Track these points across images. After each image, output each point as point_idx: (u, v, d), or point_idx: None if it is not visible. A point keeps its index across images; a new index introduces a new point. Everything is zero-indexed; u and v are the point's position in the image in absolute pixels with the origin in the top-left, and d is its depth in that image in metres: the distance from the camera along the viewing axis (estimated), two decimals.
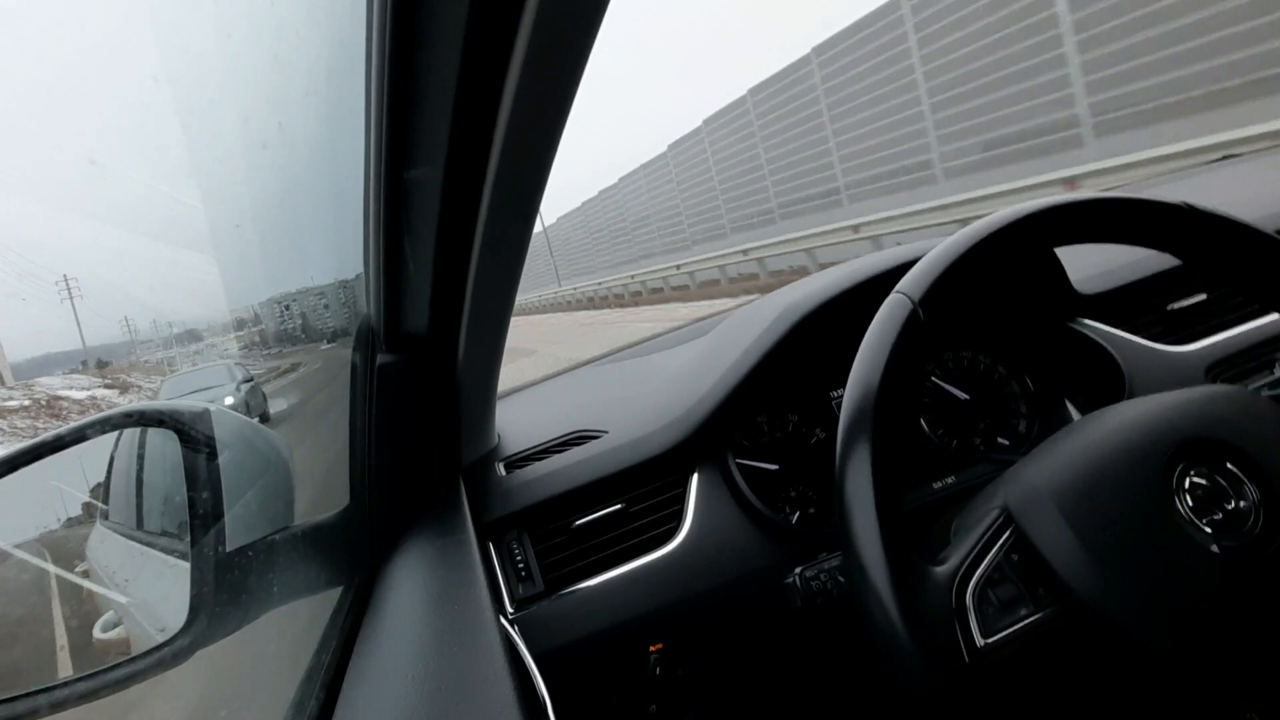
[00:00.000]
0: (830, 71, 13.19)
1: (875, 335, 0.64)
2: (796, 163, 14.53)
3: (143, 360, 4.81)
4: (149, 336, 8.71)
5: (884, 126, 12.29)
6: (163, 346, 7.20)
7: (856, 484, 0.59)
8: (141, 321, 7.22)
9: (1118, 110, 8.45)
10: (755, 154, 15.81)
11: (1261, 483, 0.58)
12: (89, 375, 3.66)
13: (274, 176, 0.91)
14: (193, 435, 0.75)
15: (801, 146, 14.34)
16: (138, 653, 0.70)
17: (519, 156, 0.52)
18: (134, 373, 4.00)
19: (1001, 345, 1.09)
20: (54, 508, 0.99)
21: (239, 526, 0.74)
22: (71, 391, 4.27)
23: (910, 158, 11.77)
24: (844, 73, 12.87)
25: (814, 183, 14.14)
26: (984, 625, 0.57)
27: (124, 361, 4.79)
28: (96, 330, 7.31)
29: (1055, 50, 8.98)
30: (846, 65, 12.68)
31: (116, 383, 3.57)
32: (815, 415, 1.04)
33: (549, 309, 26.29)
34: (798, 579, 0.84)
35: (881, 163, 12.52)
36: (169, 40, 0.73)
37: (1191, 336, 1.05)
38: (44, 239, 13.65)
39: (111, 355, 5.34)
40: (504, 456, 1.03)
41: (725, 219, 17.87)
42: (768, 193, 15.82)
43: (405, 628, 0.62)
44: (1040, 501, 0.59)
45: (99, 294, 9.41)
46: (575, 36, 0.43)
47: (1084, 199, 0.70)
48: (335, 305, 0.80)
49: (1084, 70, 8.77)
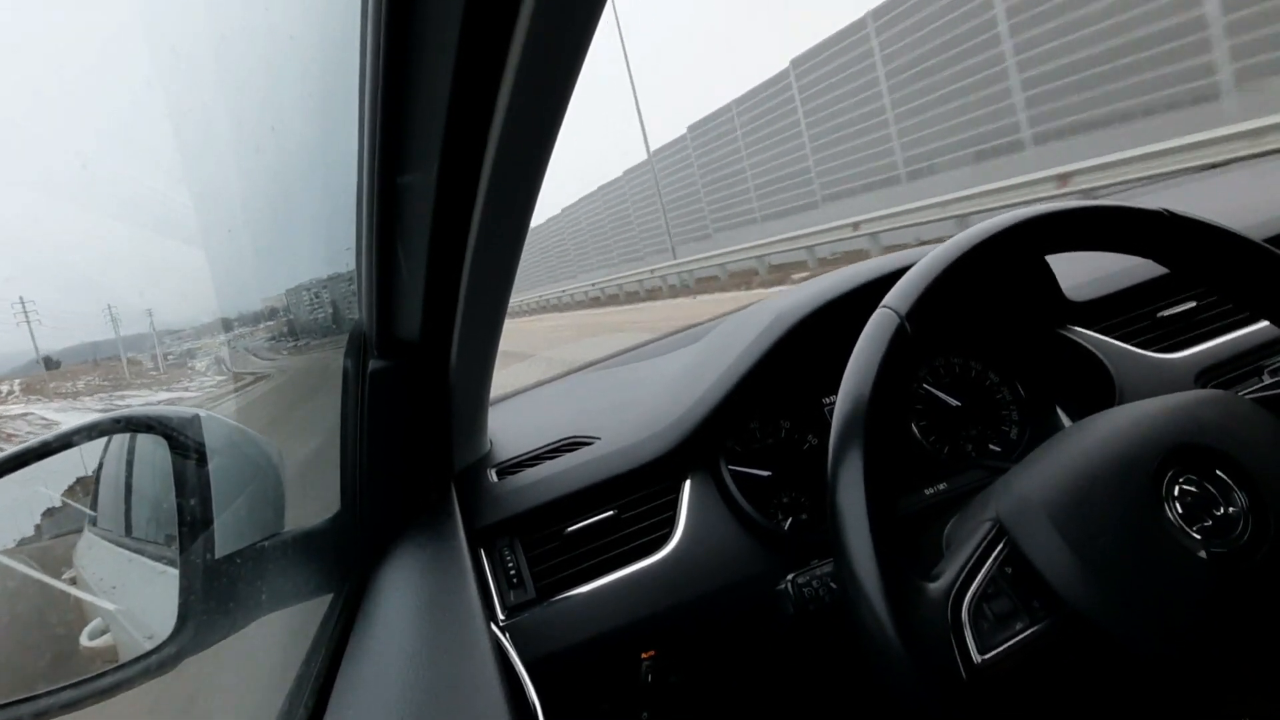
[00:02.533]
0: (806, 83, 13.81)
1: (863, 351, 0.65)
2: (775, 168, 14.99)
3: (106, 360, 4.64)
4: (130, 335, 8.51)
5: (854, 133, 13.11)
6: (134, 347, 7.02)
7: (849, 500, 0.59)
8: (126, 323, 7.05)
9: (1058, 119, 9.05)
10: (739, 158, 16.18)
11: (1249, 489, 0.59)
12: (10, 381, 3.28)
13: (267, 180, 0.90)
14: (182, 441, 0.75)
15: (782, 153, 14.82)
16: (125, 660, 0.69)
17: (513, 161, 0.52)
18: (86, 377, 3.77)
19: (993, 352, 1.10)
20: (41, 514, 0.98)
21: (228, 533, 0.73)
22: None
23: (877, 160, 12.60)
24: (821, 82, 13.56)
25: (791, 187, 14.63)
26: (980, 641, 0.56)
27: (86, 362, 4.59)
28: (77, 332, 7.23)
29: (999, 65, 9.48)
30: (820, 77, 13.36)
31: (48, 392, 3.28)
32: (807, 421, 1.04)
33: (541, 310, 26.26)
34: (790, 585, 0.84)
35: (851, 165, 13.30)
36: (162, 43, 0.73)
37: (1182, 344, 1.06)
38: (33, 239, 13.59)
39: (82, 356, 5.18)
40: (496, 463, 1.03)
41: (709, 220, 18.25)
42: (749, 195, 16.19)
43: (395, 635, 0.61)
44: (1032, 513, 0.60)
45: (85, 295, 9.30)
46: (569, 44, 0.43)
47: (1062, 209, 0.70)
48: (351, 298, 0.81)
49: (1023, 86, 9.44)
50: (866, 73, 12.51)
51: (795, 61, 14.31)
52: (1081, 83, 8.83)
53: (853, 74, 12.81)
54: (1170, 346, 1.05)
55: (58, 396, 3.82)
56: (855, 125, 13.00)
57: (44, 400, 3.78)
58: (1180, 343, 1.06)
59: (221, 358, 1.72)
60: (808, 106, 14.10)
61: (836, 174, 13.81)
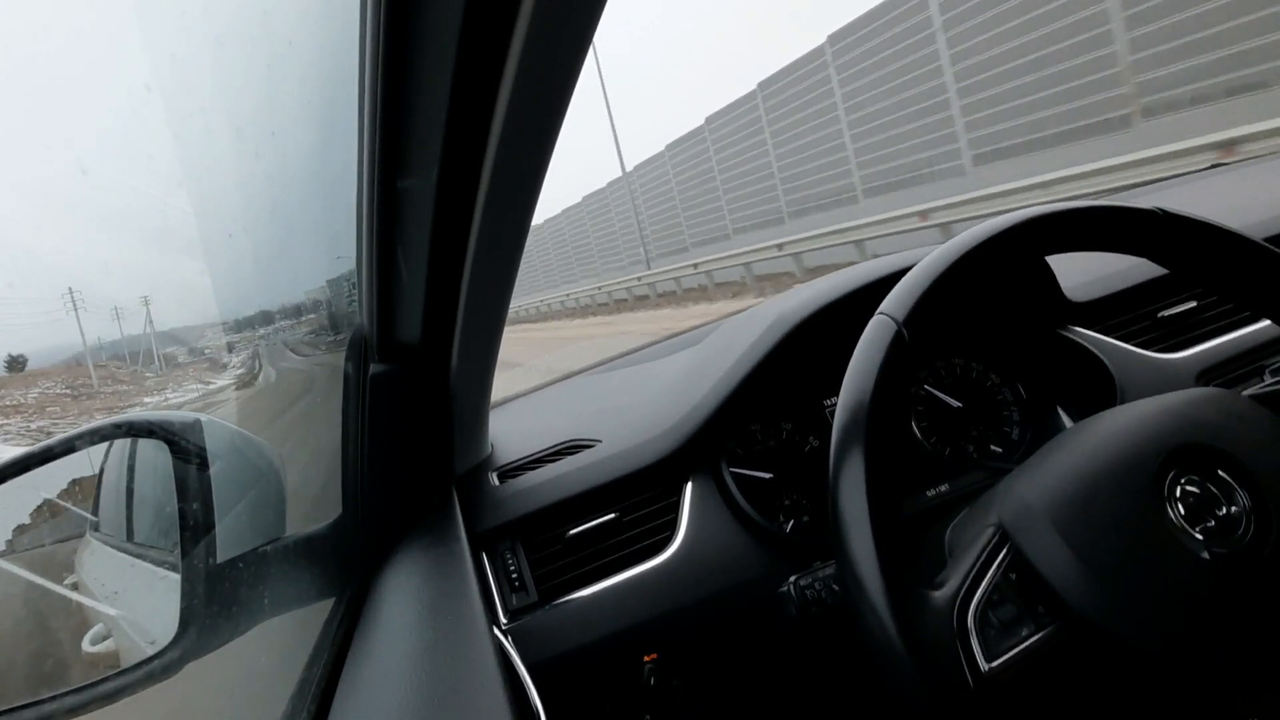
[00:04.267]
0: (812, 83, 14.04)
1: (861, 360, 0.65)
2: (799, 162, 15.17)
3: (89, 365, 4.47)
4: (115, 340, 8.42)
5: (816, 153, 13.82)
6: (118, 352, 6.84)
7: (851, 510, 0.59)
8: (126, 327, 7.08)
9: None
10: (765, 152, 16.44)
11: (1251, 488, 0.59)
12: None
13: (267, 186, 0.91)
14: (184, 446, 0.75)
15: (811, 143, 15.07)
16: (127, 666, 0.69)
17: (513, 164, 0.52)
18: (46, 380, 3.56)
19: (994, 353, 1.10)
20: (43, 520, 0.98)
21: (230, 538, 0.73)
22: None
23: (836, 180, 13.50)
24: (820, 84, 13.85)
25: (819, 182, 14.86)
26: (987, 649, 0.56)
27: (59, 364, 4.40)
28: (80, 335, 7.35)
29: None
30: (864, 54, 13.57)
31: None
32: (809, 423, 1.04)
33: (549, 316, 26.29)
34: (792, 588, 0.84)
35: (814, 184, 14.11)
36: (161, 49, 0.73)
37: (1183, 344, 1.06)
38: (33, 245, 13.43)
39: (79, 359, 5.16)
40: (497, 466, 1.03)
41: (728, 220, 18.45)
42: (776, 191, 16.38)
43: (398, 639, 0.61)
44: (1034, 517, 0.59)
45: (87, 302, 9.39)
46: (567, 48, 0.43)
47: (1056, 211, 0.70)
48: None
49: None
50: (826, 97, 13.31)
51: (762, 84, 14.88)
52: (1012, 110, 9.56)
53: (814, 98, 13.58)
54: (1171, 346, 1.05)
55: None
56: (817, 146, 13.71)
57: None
58: (1181, 343, 1.06)
59: (219, 360, 1.72)
60: (774, 127, 14.76)
61: (799, 191, 14.51)
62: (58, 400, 3.06)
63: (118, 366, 6.55)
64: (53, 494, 0.97)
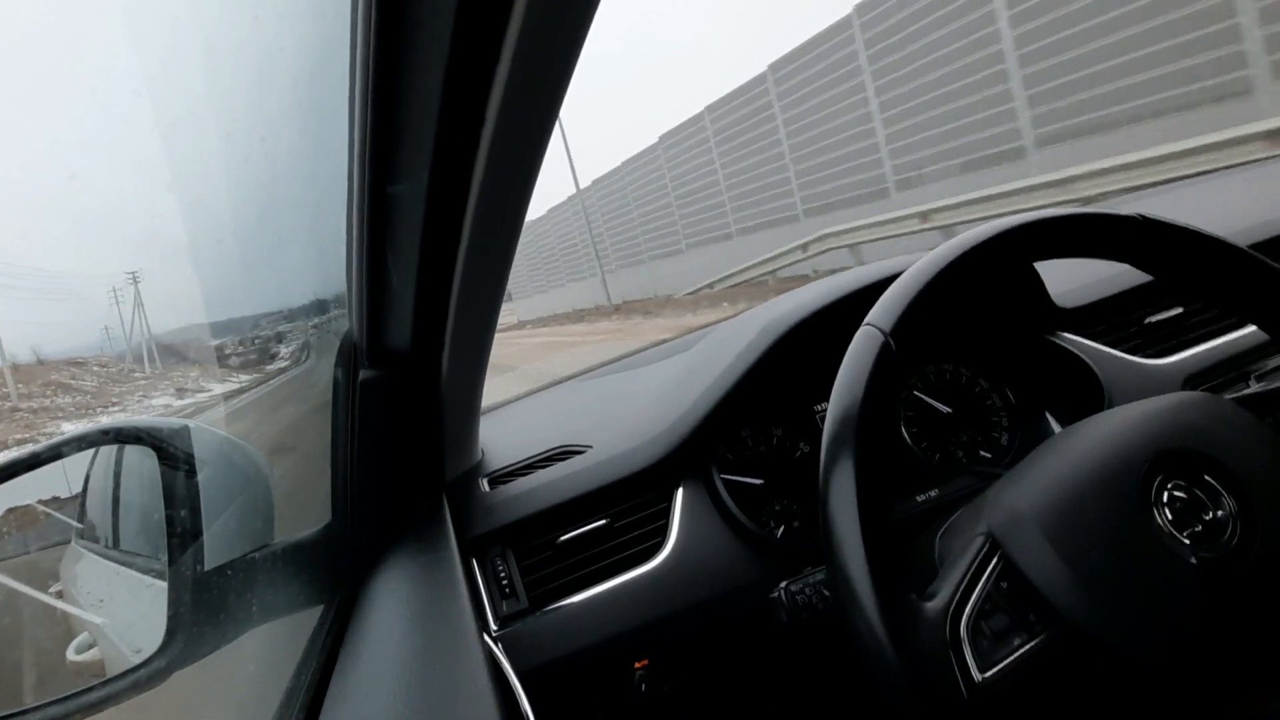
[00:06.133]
0: (785, 89, 13.88)
1: (849, 371, 0.65)
2: (754, 178, 15.11)
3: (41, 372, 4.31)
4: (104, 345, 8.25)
5: (839, 141, 13.24)
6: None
7: (842, 521, 0.59)
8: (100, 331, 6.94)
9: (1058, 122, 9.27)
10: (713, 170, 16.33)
11: (1238, 493, 0.59)
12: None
13: (256, 191, 0.90)
14: (171, 452, 0.74)
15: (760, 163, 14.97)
16: (112, 675, 0.69)
17: (504, 169, 0.52)
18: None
19: (982, 359, 1.10)
20: (27, 526, 0.97)
21: (218, 545, 0.73)
22: None
23: (864, 173, 12.78)
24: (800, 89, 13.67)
25: (770, 199, 14.81)
26: (980, 659, 0.56)
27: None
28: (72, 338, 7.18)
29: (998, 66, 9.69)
30: (801, 83, 13.46)
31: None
32: (799, 429, 1.04)
33: None
34: (783, 593, 0.84)
35: (837, 177, 13.49)
36: (150, 54, 0.73)
37: (1169, 349, 1.07)
38: (20, 251, 13.34)
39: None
40: (488, 472, 1.02)
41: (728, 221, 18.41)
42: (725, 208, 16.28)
43: (387, 646, 0.61)
44: (1024, 525, 0.60)
45: (72, 307, 9.26)
46: (559, 54, 0.43)
47: (1038, 219, 0.71)
48: None
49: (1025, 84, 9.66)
50: (852, 75, 12.59)
51: (774, 66, 14.28)
52: (1081, 82, 8.91)
53: (836, 78, 12.93)
54: (1158, 352, 1.06)
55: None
56: (838, 134, 13.21)
57: None
58: (1168, 348, 1.07)
59: (208, 367, 1.72)
60: (787, 115, 14.21)
61: (816, 187, 14.00)
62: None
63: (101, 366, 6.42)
64: (36, 500, 0.96)
